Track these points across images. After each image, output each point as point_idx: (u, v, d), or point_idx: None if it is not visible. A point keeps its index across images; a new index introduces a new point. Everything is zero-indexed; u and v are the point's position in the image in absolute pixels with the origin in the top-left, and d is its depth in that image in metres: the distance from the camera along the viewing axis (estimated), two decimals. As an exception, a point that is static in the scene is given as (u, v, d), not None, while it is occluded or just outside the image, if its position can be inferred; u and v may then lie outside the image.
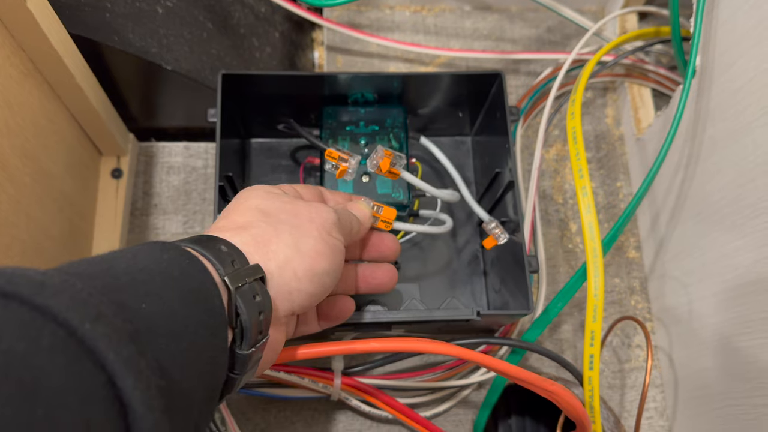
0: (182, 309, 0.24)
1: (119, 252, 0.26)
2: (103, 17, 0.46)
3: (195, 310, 0.25)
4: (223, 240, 0.30)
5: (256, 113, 0.53)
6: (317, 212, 0.34)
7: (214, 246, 0.29)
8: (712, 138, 0.46)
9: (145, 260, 0.25)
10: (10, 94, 0.38)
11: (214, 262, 0.28)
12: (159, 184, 0.58)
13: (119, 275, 0.24)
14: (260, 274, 0.29)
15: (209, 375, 0.26)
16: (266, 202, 0.34)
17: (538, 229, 0.54)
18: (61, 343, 0.19)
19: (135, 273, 0.24)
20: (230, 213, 0.34)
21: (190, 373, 0.24)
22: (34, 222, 0.43)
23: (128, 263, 0.25)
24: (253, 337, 0.28)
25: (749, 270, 0.42)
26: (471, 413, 0.52)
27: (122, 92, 0.53)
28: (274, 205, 0.34)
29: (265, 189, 0.36)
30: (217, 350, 0.26)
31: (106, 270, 0.24)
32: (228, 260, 0.28)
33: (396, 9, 0.67)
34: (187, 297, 0.25)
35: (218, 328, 0.26)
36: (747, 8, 0.41)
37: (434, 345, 0.37)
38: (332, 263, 0.33)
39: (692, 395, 0.51)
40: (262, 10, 0.58)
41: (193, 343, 0.24)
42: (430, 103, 0.53)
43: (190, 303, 0.25)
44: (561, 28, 0.67)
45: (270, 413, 0.51)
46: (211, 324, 0.26)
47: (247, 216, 0.33)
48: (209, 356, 0.26)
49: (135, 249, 0.27)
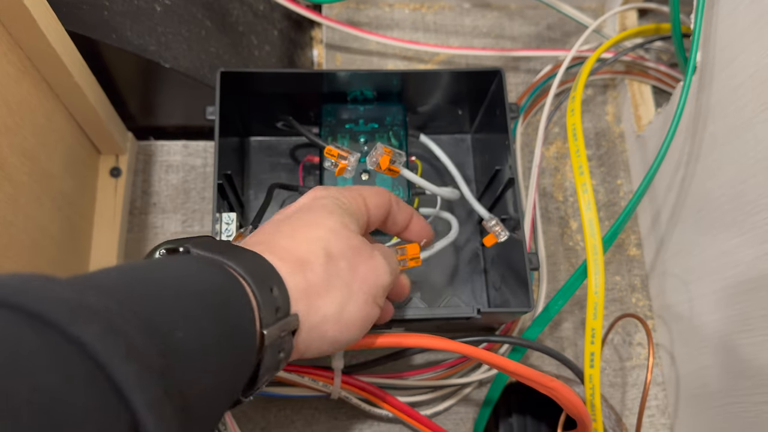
0: (217, 346, 0.24)
1: (155, 263, 0.25)
2: (101, 15, 0.46)
3: (229, 349, 0.24)
4: (279, 279, 0.28)
5: (255, 111, 0.53)
6: (373, 272, 0.33)
7: (267, 286, 0.27)
8: (712, 135, 0.46)
9: (195, 284, 0.25)
10: (7, 93, 0.38)
11: (261, 306, 0.27)
12: (158, 182, 0.58)
13: (156, 295, 0.23)
14: (294, 327, 0.29)
15: (225, 407, 0.26)
16: (333, 240, 0.32)
17: (539, 226, 0.54)
18: (91, 379, 0.18)
19: (183, 297, 0.23)
20: (295, 233, 0.32)
21: (214, 408, 0.24)
22: (33, 221, 0.43)
23: (177, 287, 0.24)
24: (262, 383, 0.28)
25: (750, 267, 0.42)
26: (472, 411, 0.52)
27: (121, 91, 0.53)
28: (339, 248, 0.31)
29: (341, 218, 0.33)
30: (237, 390, 0.27)
31: (156, 294, 0.23)
32: (273, 308, 0.27)
33: (395, 6, 0.66)
34: (226, 335, 0.24)
35: (244, 372, 0.26)
36: (747, 3, 0.40)
37: (439, 341, 0.37)
38: (361, 331, 0.32)
39: (693, 393, 0.51)
40: (261, 8, 0.58)
41: (219, 382, 0.24)
42: (429, 100, 0.53)
43: (227, 342, 0.24)
44: (561, 26, 0.67)
45: (270, 412, 0.51)
46: (241, 368, 0.26)
47: (310, 251, 0.31)
48: (230, 395, 0.26)
49: (188, 266, 0.26)
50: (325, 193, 0.35)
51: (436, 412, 0.51)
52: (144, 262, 0.25)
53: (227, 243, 0.30)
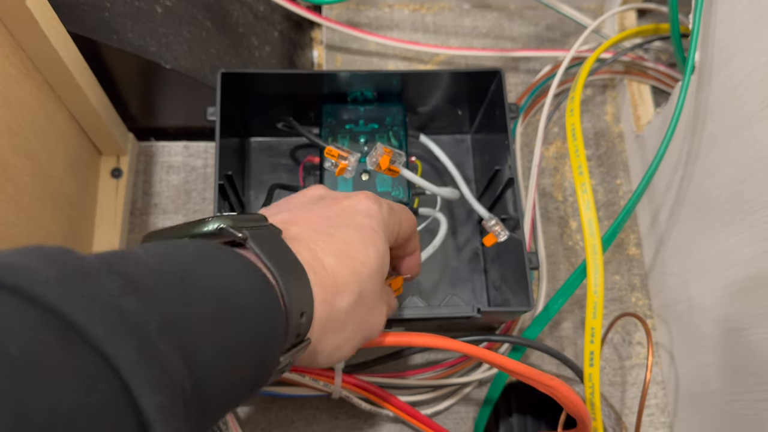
0: (239, 369, 0.23)
1: (218, 266, 0.24)
2: (102, 16, 0.46)
3: (249, 372, 0.24)
4: (311, 307, 0.28)
5: (255, 112, 0.53)
6: (377, 326, 0.33)
7: (299, 311, 0.27)
8: (711, 134, 0.46)
9: (238, 298, 0.24)
10: (9, 94, 0.38)
11: (288, 333, 0.26)
12: (159, 183, 0.58)
13: (196, 305, 0.22)
14: (302, 353, 0.28)
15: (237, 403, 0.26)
16: (369, 281, 0.31)
17: (538, 226, 0.54)
18: (114, 403, 0.17)
19: (219, 301, 0.23)
20: (344, 252, 0.30)
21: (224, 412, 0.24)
22: (35, 222, 0.43)
23: (219, 298, 0.23)
24: (275, 377, 0.28)
25: (748, 265, 0.42)
26: (472, 411, 0.52)
27: (122, 91, 0.53)
28: (370, 291, 0.31)
29: (382, 246, 0.32)
30: (252, 392, 0.26)
31: (185, 292, 0.22)
32: (295, 334, 0.27)
33: (395, 7, 0.67)
34: (251, 356, 0.24)
35: (250, 388, 0.26)
36: (746, 3, 0.41)
37: (439, 340, 0.37)
38: (337, 361, 0.32)
39: (693, 391, 0.51)
40: (261, 9, 0.58)
41: (231, 398, 0.24)
42: (429, 101, 0.53)
43: (250, 364, 0.24)
44: (560, 26, 0.67)
45: (271, 412, 0.51)
46: (250, 386, 0.25)
47: (347, 284, 0.30)
48: (233, 406, 0.26)
49: (236, 274, 0.25)
50: (376, 210, 0.33)
51: (437, 411, 0.51)
52: (192, 252, 0.24)
53: (282, 247, 0.28)
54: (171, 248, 0.24)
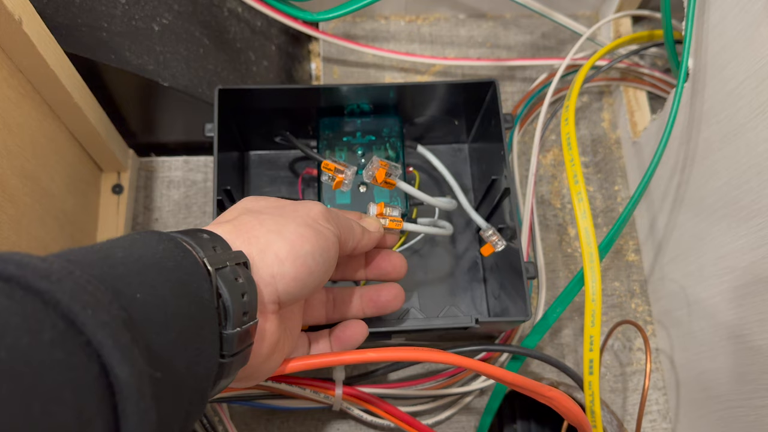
0: (173, 300, 0.25)
1: (117, 241, 0.27)
2: (99, 36, 0.46)
3: (185, 300, 0.26)
4: (206, 230, 0.31)
5: (253, 126, 0.54)
6: (303, 205, 0.35)
7: (195, 234, 0.30)
8: (706, 140, 0.46)
9: (141, 250, 0.26)
10: (8, 116, 0.39)
11: (194, 247, 0.29)
12: (159, 198, 0.59)
13: (116, 264, 0.24)
14: (242, 259, 0.30)
15: (198, 365, 0.27)
16: (254, 202, 0.36)
17: (537, 234, 0.54)
18: (61, 337, 0.19)
19: (131, 263, 0.25)
20: (220, 216, 0.35)
21: (179, 362, 0.25)
22: (36, 241, 0.43)
23: (125, 253, 0.26)
24: (237, 317, 0.28)
25: (745, 272, 0.42)
26: (473, 420, 0.53)
27: (121, 109, 0.53)
28: (260, 204, 0.35)
29: (259, 197, 0.37)
30: (205, 340, 0.27)
31: (104, 258, 0.24)
32: (209, 245, 0.29)
33: (391, 19, 0.67)
34: (178, 288, 0.26)
35: (207, 320, 0.27)
36: (737, 11, 0.41)
37: (432, 354, 0.37)
38: (316, 245, 0.33)
39: (694, 397, 0.51)
40: (258, 24, 0.59)
41: (182, 334, 0.25)
42: (425, 112, 0.54)
43: (181, 294, 0.26)
44: (555, 34, 0.67)
45: (273, 424, 0.52)
46: (200, 315, 0.27)
47: (232, 213, 0.34)
48: (197, 347, 0.26)
49: (132, 238, 0.27)
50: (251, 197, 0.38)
51: (438, 421, 0.51)
52: (106, 241, 0.27)
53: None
54: (93, 246, 0.27)
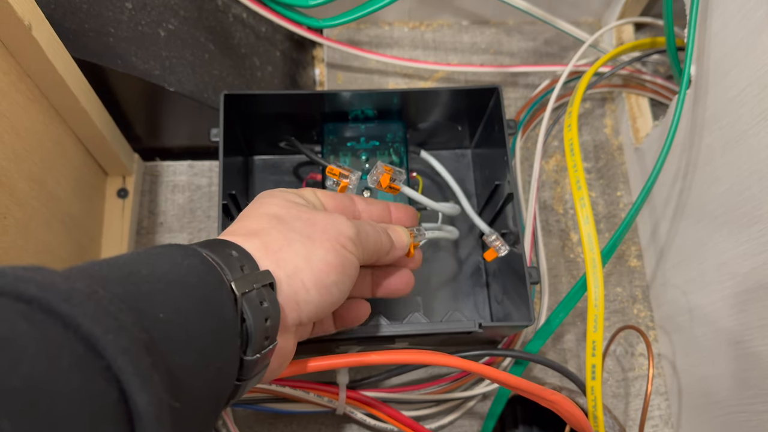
0: (196, 318, 0.25)
1: (140, 255, 0.26)
2: (106, 42, 0.47)
3: (207, 320, 0.26)
4: (234, 245, 0.30)
5: (258, 131, 0.54)
6: (332, 224, 0.34)
7: (224, 251, 0.29)
8: (709, 146, 0.46)
9: (165, 265, 0.26)
10: (16, 120, 0.39)
11: (222, 268, 0.28)
12: (164, 202, 0.59)
13: (140, 282, 0.24)
14: (269, 280, 0.29)
15: (216, 384, 0.26)
16: (282, 210, 0.34)
17: (539, 239, 0.55)
18: (80, 362, 0.19)
19: (155, 281, 0.25)
20: (244, 218, 0.34)
21: (198, 382, 0.25)
22: (43, 245, 0.44)
23: (149, 270, 0.25)
24: (258, 343, 0.28)
25: (747, 278, 0.43)
26: (476, 424, 0.53)
27: (126, 114, 0.54)
28: (290, 213, 0.33)
29: (284, 196, 0.35)
30: (225, 361, 0.27)
31: (128, 275, 0.24)
32: (237, 265, 0.29)
33: (395, 25, 0.67)
34: (201, 306, 0.25)
35: (228, 339, 0.27)
36: (739, 19, 0.41)
37: (436, 357, 0.37)
38: (342, 275, 0.33)
39: (696, 403, 0.51)
40: (263, 30, 0.59)
41: (203, 354, 0.25)
42: (429, 117, 0.54)
43: (204, 312, 0.26)
44: (558, 41, 0.68)
45: (276, 428, 0.52)
46: (222, 335, 0.26)
47: (260, 222, 0.33)
48: (217, 367, 0.26)
49: (156, 252, 0.27)
50: (271, 191, 0.37)
51: (441, 425, 0.51)
52: (129, 254, 0.27)
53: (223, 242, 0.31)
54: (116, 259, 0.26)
